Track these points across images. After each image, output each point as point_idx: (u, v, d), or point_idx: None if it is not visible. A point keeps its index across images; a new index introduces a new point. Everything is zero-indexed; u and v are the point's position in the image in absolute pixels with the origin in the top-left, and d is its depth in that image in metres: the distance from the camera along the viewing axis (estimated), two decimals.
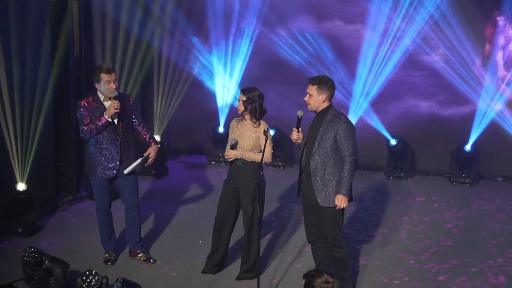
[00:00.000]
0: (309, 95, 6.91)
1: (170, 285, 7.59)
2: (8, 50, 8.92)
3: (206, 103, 12.18)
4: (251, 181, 7.41)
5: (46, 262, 7.41)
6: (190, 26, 11.68)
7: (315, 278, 4.87)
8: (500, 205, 10.30)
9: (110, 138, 7.75)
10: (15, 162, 9.02)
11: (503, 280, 7.76)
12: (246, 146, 7.46)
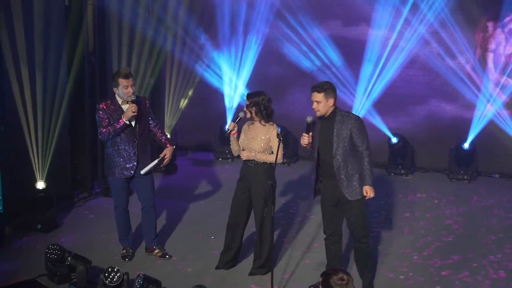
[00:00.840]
0: (317, 102, 7.05)
1: (186, 280, 7.74)
2: (31, 56, 9.12)
3: (214, 102, 12.32)
4: (262, 182, 7.62)
5: (69, 259, 7.60)
6: (200, 28, 11.80)
7: (331, 275, 5.05)
8: (498, 201, 10.46)
9: (127, 140, 7.93)
10: (35, 161, 9.20)
11: (503, 275, 7.94)
12: (257, 148, 7.65)
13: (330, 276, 5.03)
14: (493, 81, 11.10)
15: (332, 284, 5.02)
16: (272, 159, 7.58)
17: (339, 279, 5.01)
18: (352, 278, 5.11)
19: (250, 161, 7.68)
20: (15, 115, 8.96)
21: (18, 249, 8.71)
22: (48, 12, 9.38)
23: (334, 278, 5.03)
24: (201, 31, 11.81)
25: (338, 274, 5.04)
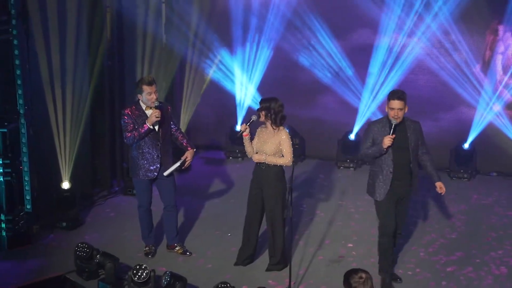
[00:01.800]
0: (400, 109, 7.39)
1: (207, 276, 7.99)
2: (63, 64, 9.40)
3: (225, 103, 12.46)
4: (272, 184, 7.90)
5: (98, 256, 7.86)
6: (215, 34, 11.96)
7: (351, 275, 5.28)
8: (496, 199, 10.65)
9: (151, 144, 8.18)
10: (61, 163, 9.44)
11: (505, 271, 8.21)
12: (269, 151, 7.87)
13: (351, 276, 5.26)
14: (494, 84, 11.26)
15: (352, 283, 5.26)
16: (282, 162, 7.85)
17: (358, 277, 5.23)
18: (371, 276, 5.32)
19: (261, 163, 7.92)
20: (43, 120, 9.18)
21: (45, 246, 8.94)
22: (77, 22, 9.62)
23: (354, 277, 5.25)
24: (216, 36, 11.95)
25: (357, 273, 5.26)
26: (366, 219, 9.85)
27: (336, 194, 10.87)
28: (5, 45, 8.48)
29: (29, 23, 8.65)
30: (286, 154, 7.84)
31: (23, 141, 8.70)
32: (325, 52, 11.74)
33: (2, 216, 8.68)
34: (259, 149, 7.95)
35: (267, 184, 7.93)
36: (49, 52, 9.11)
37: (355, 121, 11.85)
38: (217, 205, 10.43)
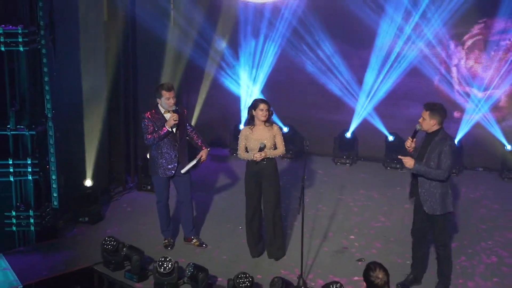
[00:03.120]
0: (423, 118, 7.37)
1: (223, 267, 8.36)
2: (85, 71, 9.79)
3: (230, 104, 12.77)
4: (274, 174, 8.36)
5: (124, 249, 8.22)
6: (222, 38, 12.25)
7: (370, 270, 5.63)
8: (484, 193, 11.00)
9: (170, 144, 8.55)
10: (84, 162, 9.79)
11: (495, 260, 8.63)
12: (268, 146, 8.28)
13: (371, 269, 5.60)
14: (481, 89, 11.61)
15: (369, 276, 5.64)
16: (280, 152, 8.34)
17: (375, 276, 5.55)
18: (388, 279, 5.58)
19: (264, 158, 8.27)
20: (68, 123, 9.52)
21: (71, 240, 9.28)
22: (95, 31, 9.94)
23: (370, 273, 5.58)
24: (223, 41, 12.22)
25: (375, 271, 5.56)
26: (365, 212, 10.26)
27: (335, 188, 11.22)
28: (34, 53, 8.78)
29: (56, 34, 8.95)
30: (280, 145, 8.33)
31: (50, 142, 9.01)
32: (325, 56, 12.02)
33: (30, 212, 8.97)
34: (254, 148, 8.30)
35: (269, 176, 8.33)
36: (72, 60, 9.43)
37: (352, 120, 12.20)
38: (226, 199, 10.74)
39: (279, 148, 8.31)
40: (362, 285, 7.51)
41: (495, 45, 11.33)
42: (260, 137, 8.25)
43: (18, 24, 8.49)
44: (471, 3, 11.01)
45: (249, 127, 8.37)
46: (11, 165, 8.84)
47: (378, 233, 9.52)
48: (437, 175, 7.30)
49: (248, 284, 7.41)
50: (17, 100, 8.81)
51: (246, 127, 8.41)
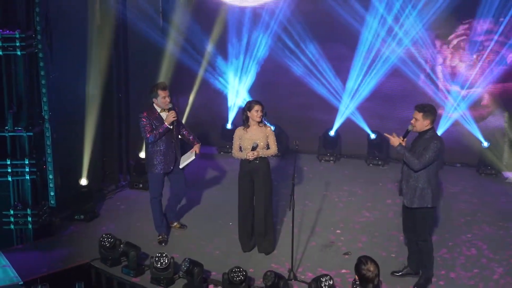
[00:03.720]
0: (416, 119, 7.51)
1: (216, 261, 8.53)
2: (80, 74, 9.92)
3: (218, 104, 12.87)
4: (267, 173, 8.56)
5: (121, 246, 8.37)
6: (210, 40, 12.35)
7: (362, 263, 5.82)
8: (463, 188, 11.22)
9: (167, 141, 8.77)
10: (80, 162, 9.92)
11: (475, 252, 8.88)
12: (261, 145, 8.50)
13: (362, 263, 5.80)
14: (464, 87, 11.80)
15: (361, 269, 5.84)
16: (272, 152, 8.57)
17: (367, 269, 5.75)
18: (379, 272, 5.79)
19: (257, 158, 8.48)
20: (63, 124, 9.62)
21: (68, 237, 9.39)
22: (90, 37, 10.08)
23: (363, 267, 5.77)
24: (211, 42, 12.35)
25: (367, 264, 5.77)
26: (349, 208, 10.47)
27: (320, 185, 11.39)
28: (30, 57, 8.88)
29: (52, 38, 9.07)
30: (273, 145, 8.55)
31: (47, 143, 9.12)
32: (310, 58, 12.19)
33: (28, 211, 9.09)
34: (247, 147, 8.50)
35: (261, 174, 8.53)
36: (68, 64, 9.55)
37: (335, 120, 12.40)
38: (216, 196, 10.87)
39: (271, 148, 8.51)
40: (349, 277, 7.85)
41: (479, 45, 11.54)
42: (254, 137, 8.44)
43: (16, 29, 8.61)
44: (456, 4, 11.22)
45: (243, 128, 8.56)
46: (9, 165, 8.96)
47: (363, 227, 9.73)
48: (412, 162, 7.50)
49: (242, 278, 7.61)
50: (14, 102, 8.91)
51: (240, 127, 8.61)
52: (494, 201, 10.74)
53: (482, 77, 11.64)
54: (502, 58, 11.47)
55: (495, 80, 11.67)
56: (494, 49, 11.50)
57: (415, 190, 7.66)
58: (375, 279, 5.76)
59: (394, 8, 11.37)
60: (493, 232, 9.55)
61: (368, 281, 5.76)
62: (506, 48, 11.41)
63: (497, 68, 11.57)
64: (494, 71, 11.60)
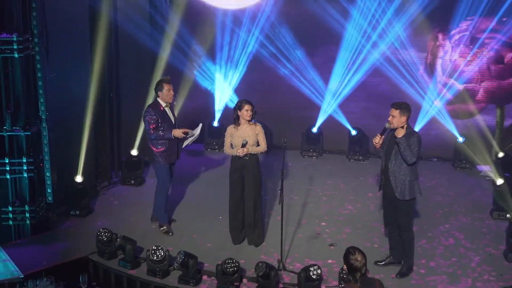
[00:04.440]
0: (393, 116, 7.73)
1: (209, 254, 8.71)
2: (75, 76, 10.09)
3: (205, 102, 13.01)
4: (256, 169, 8.78)
5: (118, 239, 8.54)
6: (199, 42, 12.46)
7: (350, 253, 6.01)
8: (439, 181, 11.47)
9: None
10: (75, 160, 10.06)
11: (452, 242, 9.18)
12: (251, 143, 8.71)
13: (350, 253, 5.98)
14: (435, 84, 12.06)
15: (349, 259, 6.03)
16: (262, 149, 8.77)
17: (355, 259, 5.93)
18: (366, 262, 5.96)
19: (246, 154, 8.70)
20: (60, 124, 9.73)
21: (64, 232, 9.52)
22: (83, 39, 10.21)
23: (351, 257, 5.94)
24: (199, 44, 12.46)
25: (355, 254, 5.95)
26: (333, 201, 10.71)
27: (304, 179, 11.62)
28: (27, 59, 9.01)
29: (48, 41, 9.18)
30: (262, 142, 8.78)
31: (44, 142, 9.25)
32: (294, 59, 12.39)
33: (26, 207, 9.21)
34: (238, 145, 8.70)
35: (251, 170, 8.75)
36: (63, 66, 9.69)
37: (318, 117, 12.61)
38: (204, 192, 11.00)
39: (261, 145, 8.73)
40: (336, 267, 8.10)
41: (478, 42, 11.78)
42: (244, 135, 8.64)
43: (13, 33, 8.71)
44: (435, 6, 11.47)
45: (234, 126, 8.76)
46: (7, 164, 9.06)
47: (346, 219, 9.97)
48: (409, 155, 7.76)
49: (234, 269, 7.82)
50: (12, 103, 9.01)
51: (231, 125, 8.80)
52: (469, 193, 11.02)
53: (475, 74, 11.93)
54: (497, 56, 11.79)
55: (489, 77, 11.94)
56: (491, 47, 11.75)
57: (404, 183, 7.92)
58: (362, 268, 5.98)
59: (375, 10, 11.56)
60: (469, 222, 9.85)
61: (356, 270, 5.97)
62: (504, 46, 11.68)
63: (492, 65, 11.88)
64: (490, 68, 11.89)
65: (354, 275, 5.98)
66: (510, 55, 11.79)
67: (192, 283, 7.97)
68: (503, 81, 12.00)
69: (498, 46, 11.72)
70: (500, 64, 11.91)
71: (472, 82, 12.06)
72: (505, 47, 11.73)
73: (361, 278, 5.97)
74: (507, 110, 12.18)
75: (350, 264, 6.00)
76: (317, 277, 7.62)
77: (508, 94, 12.05)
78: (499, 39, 11.68)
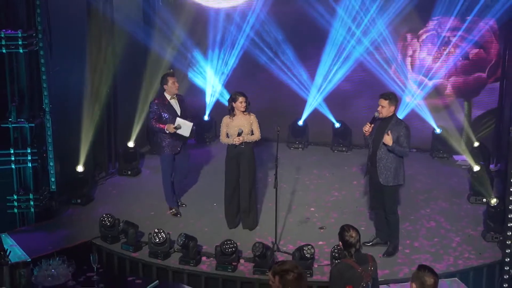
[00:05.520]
0: (382, 106, 8.00)
1: (206, 237, 8.89)
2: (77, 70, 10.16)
3: (196, 98, 13.16)
4: (251, 156, 9.02)
5: (121, 224, 8.69)
6: (191, 38, 12.55)
7: (345, 230, 6.16)
8: (418, 170, 11.57)
9: None
10: (77, 151, 10.18)
11: (434, 224, 9.45)
12: (246, 132, 8.91)
13: (345, 230, 6.21)
14: (413, 79, 12.30)
15: (344, 236, 6.27)
16: (256, 138, 9.02)
17: (350, 235, 6.17)
18: (360, 238, 6.20)
19: (242, 143, 8.90)
20: (63, 117, 9.90)
21: (67, 219, 9.67)
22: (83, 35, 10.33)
23: (346, 233, 6.18)
24: (192, 40, 12.56)
25: (349, 231, 6.18)
26: (320, 188, 10.90)
27: (291, 169, 11.74)
28: (31, 55, 9.12)
29: (52, 37, 9.30)
30: (256, 131, 9.02)
31: (48, 133, 9.39)
32: (282, 54, 12.49)
33: (30, 195, 9.34)
34: (234, 134, 8.89)
35: (247, 157, 8.96)
36: (65, 62, 9.80)
37: (304, 110, 12.79)
38: (198, 182, 11.08)
39: (255, 134, 8.93)
40: (326, 248, 8.31)
41: (442, 40, 12.02)
42: (239, 125, 8.83)
43: (18, 29, 8.84)
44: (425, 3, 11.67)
45: (229, 116, 8.94)
46: (12, 154, 9.21)
47: (333, 205, 10.18)
48: (404, 152, 8.12)
49: (233, 249, 8.01)
50: (17, 96, 9.13)
51: (227, 116, 8.98)
52: (447, 181, 11.25)
53: (442, 70, 12.14)
54: (463, 53, 12.01)
55: (455, 73, 12.18)
56: (456, 44, 11.99)
57: (390, 169, 8.17)
58: (357, 244, 6.20)
59: (359, 8, 11.76)
60: (448, 207, 10.11)
61: (351, 246, 6.20)
62: (468, 43, 11.92)
63: (458, 61, 12.11)
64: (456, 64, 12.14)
65: (349, 251, 6.20)
66: (475, 52, 12.05)
67: (192, 263, 8.14)
68: (469, 77, 12.27)
69: (463, 43, 11.98)
70: (466, 60, 12.17)
71: (440, 78, 12.30)
72: (469, 44, 11.99)
73: (356, 254, 6.20)
74: (474, 103, 12.43)
75: (345, 241, 6.21)
76: (310, 256, 7.84)
77: (474, 89, 12.32)
78: (464, 36, 11.94)
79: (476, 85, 12.27)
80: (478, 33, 11.76)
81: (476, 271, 8.35)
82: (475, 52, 12.04)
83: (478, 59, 12.07)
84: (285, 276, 4.89)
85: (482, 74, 12.17)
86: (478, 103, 12.36)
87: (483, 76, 12.18)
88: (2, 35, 8.81)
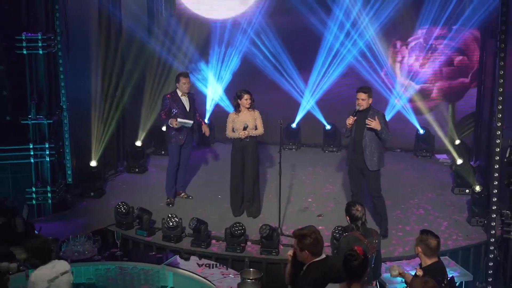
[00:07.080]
0: (362, 99, 8.37)
1: (214, 224, 9.01)
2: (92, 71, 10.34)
3: (198, 102, 13.28)
4: (255, 149, 9.23)
5: (136, 211, 8.81)
6: (193, 44, 12.71)
7: (351, 206, 6.45)
8: (404, 167, 11.88)
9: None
10: (93, 146, 10.32)
11: (423, 212, 9.71)
12: (251, 126, 9.13)
13: (351, 206, 6.47)
14: (401, 83, 12.59)
15: (351, 210, 6.48)
16: (259, 132, 9.24)
17: (356, 209, 6.44)
18: (365, 212, 6.50)
19: (247, 137, 9.10)
20: (77, 114, 10.04)
21: (82, 210, 9.82)
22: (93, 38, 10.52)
23: (353, 207, 6.46)
24: (193, 47, 12.72)
25: (355, 206, 6.46)
26: (315, 182, 11.12)
27: (287, 167, 11.76)
28: (49, 56, 9.28)
29: (69, 40, 9.46)
30: (259, 126, 9.23)
31: (65, 129, 9.54)
32: (278, 61, 12.68)
33: (48, 188, 9.45)
34: (239, 128, 9.08)
35: (251, 150, 9.16)
36: (81, 63, 9.96)
37: (297, 113, 13.00)
38: (201, 177, 11.27)
39: (259, 129, 9.11)
40: (326, 232, 8.47)
41: (431, 48, 12.35)
42: (244, 120, 9.04)
43: (38, 31, 8.99)
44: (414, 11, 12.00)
45: (235, 113, 9.14)
46: (31, 149, 9.32)
47: (329, 196, 10.41)
48: (388, 135, 8.48)
49: (242, 231, 8.17)
50: (36, 94, 9.26)
51: (233, 112, 9.20)
52: (431, 175, 11.50)
53: (429, 75, 12.47)
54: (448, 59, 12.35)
55: (441, 78, 12.49)
56: (442, 51, 12.32)
57: (375, 155, 8.51)
58: (362, 217, 6.42)
59: (351, 15, 12.01)
60: (434, 197, 10.38)
61: (357, 219, 6.43)
62: (453, 51, 12.28)
63: (443, 67, 12.43)
64: (442, 70, 12.45)
65: (356, 223, 6.42)
66: (459, 59, 12.40)
67: (203, 245, 8.27)
68: (453, 81, 12.60)
69: (448, 50, 12.32)
70: (451, 66, 12.50)
71: (427, 82, 12.61)
72: (454, 52, 12.33)
73: (362, 226, 6.40)
74: (457, 105, 12.73)
75: (352, 214, 6.43)
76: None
77: (457, 92, 12.65)
78: (449, 44, 12.28)
79: (459, 89, 12.60)
80: (462, 41, 12.14)
81: (464, 251, 8.61)
82: (459, 59, 12.39)
83: (461, 66, 12.41)
84: (303, 240, 5.31)
85: (465, 79, 12.52)
86: (461, 106, 12.66)
87: (466, 81, 12.52)
88: (23, 37, 8.97)
